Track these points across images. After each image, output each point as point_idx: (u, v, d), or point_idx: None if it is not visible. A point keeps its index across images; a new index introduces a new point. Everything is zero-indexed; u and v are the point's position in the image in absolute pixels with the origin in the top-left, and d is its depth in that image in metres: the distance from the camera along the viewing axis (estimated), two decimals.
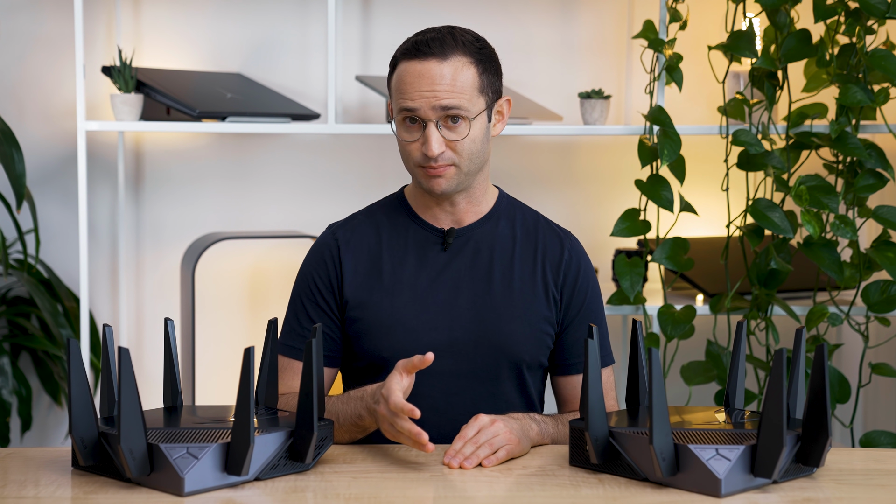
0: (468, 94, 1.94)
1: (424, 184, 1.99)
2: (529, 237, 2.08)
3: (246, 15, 3.53)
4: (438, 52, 1.94)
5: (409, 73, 1.95)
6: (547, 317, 2.05)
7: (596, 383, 1.69)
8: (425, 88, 1.93)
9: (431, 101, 1.92)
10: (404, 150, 1.99)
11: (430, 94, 1.93)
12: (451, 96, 1.93)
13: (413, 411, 1.75)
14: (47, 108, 3.51)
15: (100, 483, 1.67)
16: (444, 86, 1.93)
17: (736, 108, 3.10)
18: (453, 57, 1.94)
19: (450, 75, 1.93)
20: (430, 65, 1.94)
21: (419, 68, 1.94)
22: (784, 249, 3.04)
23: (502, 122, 2.05)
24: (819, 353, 1.67)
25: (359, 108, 3.56)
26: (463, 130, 1.95)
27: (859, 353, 3.33)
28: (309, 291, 2.07)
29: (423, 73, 1.94)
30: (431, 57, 1.94)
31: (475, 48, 1.98)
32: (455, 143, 1.95)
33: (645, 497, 1.63)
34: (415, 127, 1.96)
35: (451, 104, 1.93)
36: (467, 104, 1.94)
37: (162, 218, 3.56)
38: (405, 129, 1.97)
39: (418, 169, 1.98)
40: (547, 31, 3.57)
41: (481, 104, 1.97)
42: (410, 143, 1.96)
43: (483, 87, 1.97)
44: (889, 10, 2.83)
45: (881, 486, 1.71)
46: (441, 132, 1.94)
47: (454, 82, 1.93)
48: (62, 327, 3.25)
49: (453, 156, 1.96)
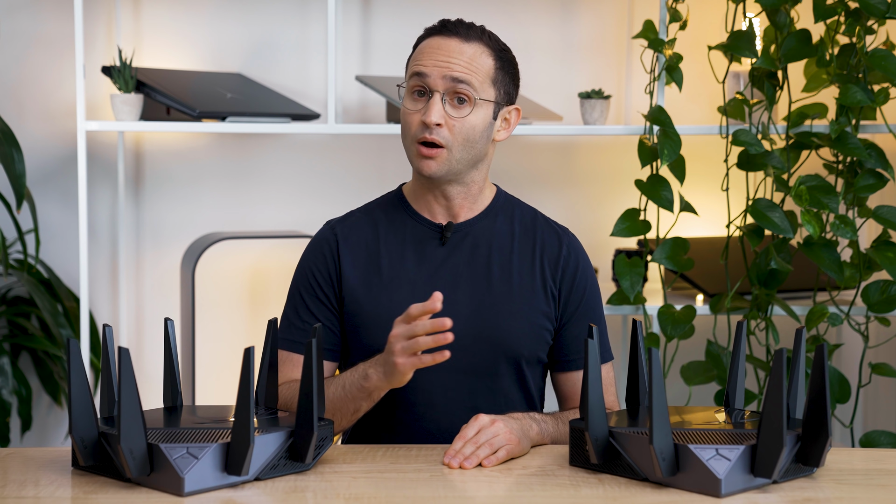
0: (481, 76, 1.98)
1: (415, 163, 2.00)
2: (528, 233, 2.08)
3: (246, 15, 3.53)
4: (463, 34, 2.00)
5: (430, 45, 2.00)
6: (545, 312, 2.05)
7: (596, 383, 1.69)
8: (441, 58, 1.97)
9: (444, 70, 1.96)
10: (405, 123, 2.00)
11: (444, 62, 1.96)
12: (464, 70, 1.96)
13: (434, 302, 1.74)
14: (47, 108, 3.51)
15: (100, 483, 1.67)
16: (460, 61, 1.97)
17: (736, 108, 3.10)
18: (476, 42, 2.00)
19: (468, 54, 1.98)
20: (451, 41, 1.99)
21: (440, 42, 1.99)
22: (784, 249, 3.04)
23: (507, 131, 2.06)
24: (819, 353, 1.67)
25: (359, 108, 3.56)
26: (465, 111, 1.97)
27: (859, 353, 3.33)
28: (308, 285, 2.07)
29: (442, 46, 1.99)
30: (455, 36, 1.99)
31: (498, 47, 2.03)
32: (454, 122, 1.96)
33: (645, 497, 1.63)
34: (421, 99, 1.99)
35: (462, 77, 1.96)
36: (477, 85, 1.97)
37: (162, 218, 3.56)
38: (411, 100, 2.00)
39: (414, 146, 1.99)
40: (547, 31, 3.57)
41: (490, 94, 1.99)
42: (412, 114, 1.98)
43: (496, 80, 2.01)
44: (889, 10, 2.83)
45: (881, 486, 1.71)
46: (444, 106, 1.96)
47: (471, 61, 1.98)
48: (62, 327, 3.25)
49: (448, 136, 1.97)
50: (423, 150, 1.98)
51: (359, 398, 1.90)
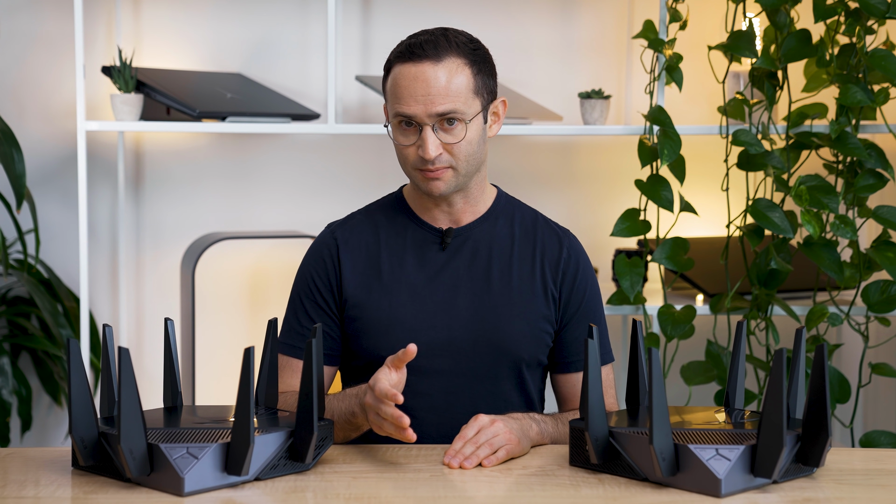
0: (463, 96, 1.94)
1: (423, 186, 1.99)
2: (528, 236, 2.08)
3: (246, 15, 3.53)
4: (433, 55, 1.94)
5: (404, 77, 1.95)
6: (546, 315, 2.05)
7: (596, 383, 1.69)
8: (420, 93, 1.93)
9: (428, 108, 1.92)
10: (401, 154, 1.99)
11: (425, 98, 1.92)
12: (447, 101, 1.92)
13: (396, 397, 1.75)
14: (47, 108, 3.51)
15: (100, 483, 1.67)
16: (440, 90, 1.92)
17: (736, 108, 3.10)
18: (447, 59, 1.94)
19: (444, 78, 1.93)
20: (424, 67, 1.93)
21: (413, 71, 1.94)
22: (784, 249, 3.04)
23: (498, 123, 2.05)
24: (819, 353, 1.67)
25: (359, 108, 3.56)
26: (459, 133, 1.95)
27: (859, 353, 3.33)
28: (308, 290, 2.07)
29: (417, 77, 1.93)
30: (426, 59, 1.93)
31: (469, 49, 1.97)
32: (452, 145, 1.95)
33: (645, 497, 1.63)
34: (411, 130, 1.96)
35: (447, 109, 1.93)
36: (463, 107, 1.94)
37: (162, 218, 3.56)
38: (401, 133, 1.97)
39: (416, 172, 1.98)
40: (547, 31, 3.57)
41: (477, 106, 1.97)
42: (407, 147, 1.97)
43: (478, 88, 1.97)
44: (889, 10, 2.83)
45: (881, 486, 1.71)
46: (437, 135, 1.94)
47: (449, 85, 1.93)
48: (62, 327, 3.25)
49: (450, 158, 1.96)
50: (427, 174, 1.97)
51: (347, 429, 1.93)
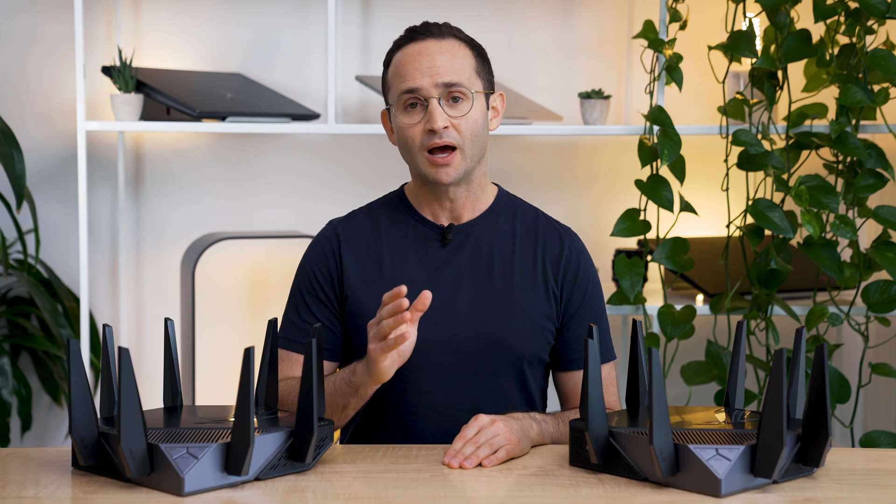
0: (467, 72, 1.98)
1: (431, 174, 1.98)
2: (529, 233, 2.08)
3: (246, 15, 3.53)
4: (436, 33, 1.99)
5: (408, 55, 1.98)
6: (547, 313, 2.05)
7: (596, 383, 1.69)
8: (426, 65, 1.96)
9: (434, 78, 1.95)
10: (406, 137, 1.98)
11: (430, 70, 1.95)
12: (452, 73, 1.96)
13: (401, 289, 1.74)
14: (47, 108, 3.51)
15: (100, 483, 1.67)
16: (444, 62, 1.96)
17: (736, 108, 3.10)
18: (450, 38, 2.00)
19: (448, 52, 1.97)
20: (427, 44, 1.98)
21: (417, 48, 1.98)
22: (784, 249, 3.04)
23: (498, 118, 2.07)
24: (819, 353, 1.67)
25: (359, 108, 3.56)
26: (464, 108, 1.96)
27: (859, 353, 3.33)
28: (309, 285, 2.07)
29: (422, 52, 1.97)
30: (429, 37, 1.98)
31: (468, 38, 2.04)
32: (458, 120, 1.96)
33: (645, 497, 1.63)
34: (416, 110, 1.97)
35: (453, 80, 1.95)
36: (467, 82, 1.97)
37: (162, 218, 3.56)
38: (406, 114, 1.98)
39: (423, 156, 1.97)
40: (547, 30, 3.57)
41: (479, 85, 2.00)
42: (412, 127, 1.97)
43: (479, 70, 2.01)
44: (889, 10, 2.83)
45: (881, 486, 1.71)
46: (444, 109, 1.95)
47: (453, 59, 1.97)
48: (62, 327, 3.25)
49: (457, 136, 1.96)
50: (435, 159, 1.96)
51: (347, 393, 1.91)
